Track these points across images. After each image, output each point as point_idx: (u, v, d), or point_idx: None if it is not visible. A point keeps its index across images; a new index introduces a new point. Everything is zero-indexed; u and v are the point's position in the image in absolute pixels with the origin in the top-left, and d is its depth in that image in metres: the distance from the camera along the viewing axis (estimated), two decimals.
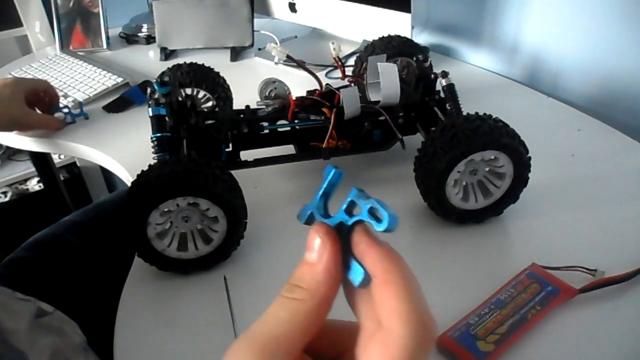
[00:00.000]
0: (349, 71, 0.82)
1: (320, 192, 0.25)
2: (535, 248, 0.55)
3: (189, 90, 0.72)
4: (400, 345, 0.21)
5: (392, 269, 0.22)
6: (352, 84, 0.70)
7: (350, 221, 0.23)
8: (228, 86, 0.76)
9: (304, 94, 0.66)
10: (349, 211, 0.24)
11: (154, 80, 0.64)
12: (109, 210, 0.84)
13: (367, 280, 0.23)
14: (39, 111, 0.85)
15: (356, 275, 0.23)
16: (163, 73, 0.73)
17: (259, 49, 1.12)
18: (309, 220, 0.25)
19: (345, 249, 0.24)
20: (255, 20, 1.13)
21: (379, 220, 0.22)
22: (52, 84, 1.01)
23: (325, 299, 0.23)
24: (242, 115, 0.64)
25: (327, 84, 0.67)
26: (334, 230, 0.24)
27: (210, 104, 0.74)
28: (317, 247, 0.23)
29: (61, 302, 0.64)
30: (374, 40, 0.81)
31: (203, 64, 0.75)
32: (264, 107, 0.64)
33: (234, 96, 0.77)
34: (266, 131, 0.65)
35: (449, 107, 0.65)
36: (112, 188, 1.80)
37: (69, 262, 0.73)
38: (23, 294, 0.54)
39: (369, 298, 0.23)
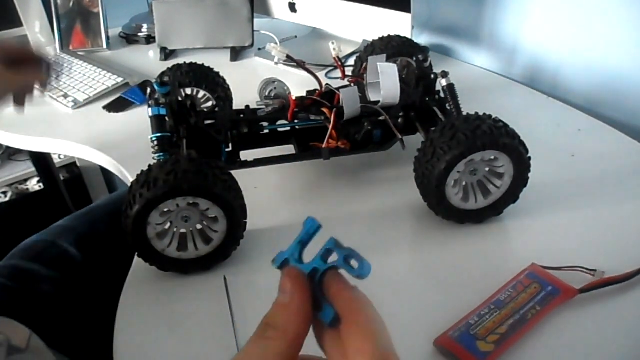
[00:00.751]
0: (349, 71, 0.82)
1: (297, 241, 0.27)
2: (535, 248, 0.55)
3: (189, 90, 0.72)
4: None
5: (359, 311, 0.24)
6: (352, 84, 0.70)
7: (325, 267, 0.26)
8: (228, 86, 0.76)
9: (304, 94, 0.66)
10: (325, 258, 0.26)
11: (154, 80, 0.64)
12: (102, 216, 0.81)
13: (336, 320, 0.25)
14: None
15: (327, 316, 0.25)
16: (163, 73, 0.73)
17: (259, 49, 1.12)
18: (283, 265, 0.27)
19: (318, 292, 0.26)
20: (255, 20, 1.13)
21: (353, 267, 0.24)
22: (52, 84, 1.01)
23: (296, 338, 0.25)
24: (242, 115, 0.64)
25: (327, 84, 0.67)
26: (305, 275, 0.26)
27: (210, 104, 0.74)
28: (288, 289, 0.25)
29: (57, 312, 0.63)
30: (374, 40, 0.81)
31: (203, 64, 0.75)
32: (264, 107, 0.64)
33: (234, 96, 0.77)
34: (266, 131, 0.65)
35: (449, 107, 0.65)
36: (112, 188, 1.80)
37: (64, 270, 0.70)
38: (18, 305, 0.52)
39: (338, 337, 0.25)
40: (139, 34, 1.24)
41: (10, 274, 0.67)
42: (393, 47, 0.78)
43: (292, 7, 1.12)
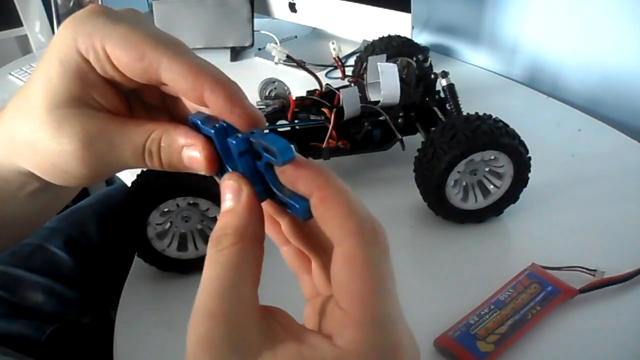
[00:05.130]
0: (349, 71, 0.82)
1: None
2: (535, 248, 0.55)
3: None
4: (362, 257, 0.20)
5: (326, 184, 0.21)
6: (352, 84, 0.70)
7: (261, 164, 0.23)
8: None
9: (304, 94, 0.66)
10: (256, 156, 0.23)
11: None
12: (90, 216, 0.75)
13: (308, 208, 0.21)
14: None
15: (298, 209, 0.21)
16: None
17: (259, 49, 1.12)
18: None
19: (279, 192, 0.23)
20: (255, 20, 1.13)
21: (274, 155, 0.21)
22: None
23: (256, 237, 0.22)
24: None
25: (327, 84, 0.67)
26: (244, 176, 0.23)
27: None
28: (232, 192, 0.23)
29: (52, 321, 0.61)
30: (374, 40, 0.81)
31: None
32: (264, 107, 0.64)
33: None
34: (266, 131, 0.65)
35: (449, 107, 0.65)
36: None
37: (53, 275, 0.65)
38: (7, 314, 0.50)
39: (316, 232, 0.22)
40: None
41: (3, 282, 0.62)
42: (393, 47, 0.78)
43: (292, 7, 1.12)
